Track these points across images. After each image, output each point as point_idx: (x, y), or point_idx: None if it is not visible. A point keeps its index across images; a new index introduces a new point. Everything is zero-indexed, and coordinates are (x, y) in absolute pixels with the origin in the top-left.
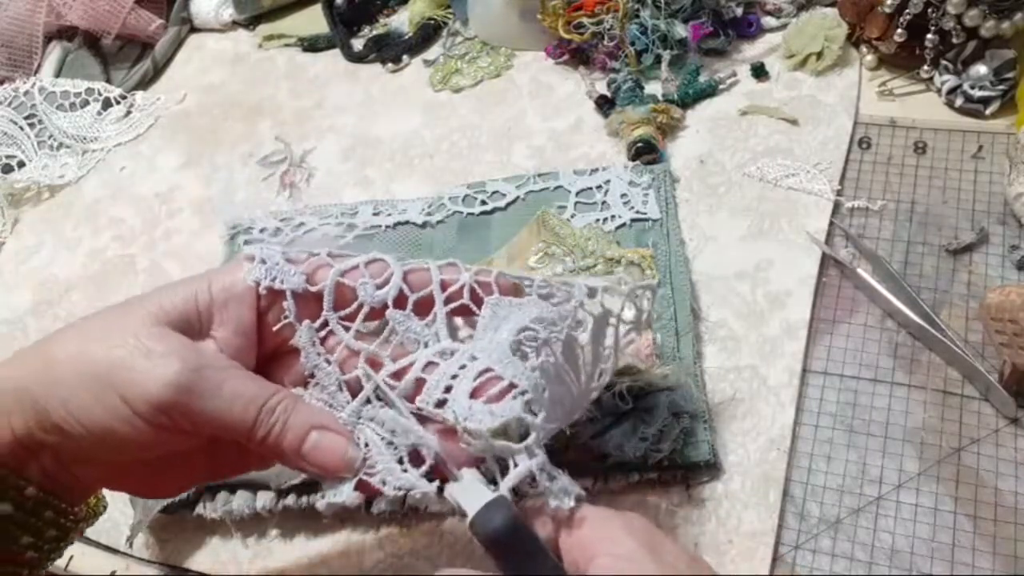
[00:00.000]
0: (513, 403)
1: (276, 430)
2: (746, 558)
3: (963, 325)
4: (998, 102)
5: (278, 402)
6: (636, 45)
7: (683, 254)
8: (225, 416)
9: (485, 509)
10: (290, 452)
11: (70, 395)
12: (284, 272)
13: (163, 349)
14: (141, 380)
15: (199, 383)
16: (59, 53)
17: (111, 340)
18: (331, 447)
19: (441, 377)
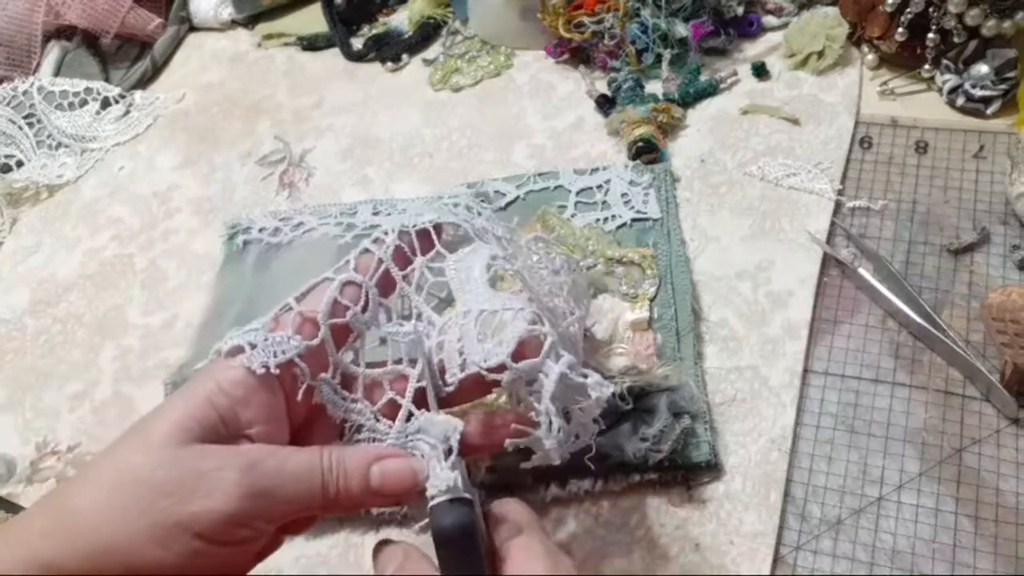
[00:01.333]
0: (516, 324)
1: (341, 483)
2: (747, 559)
3: (964, 325)
4: (999, 101)
5: (329, 457)
6: (637, 44)
7: (684, 254)
8: (298, 495)
9: (449, 504)
10: (362, 494)
11: (127, 555)
12: (278, 344)
13: (213, 463)
14: (208, 505)
15: (263, 480)
16: (58, 52)
17: (147, 476)
18: (397, 470)
19: (452, 351)
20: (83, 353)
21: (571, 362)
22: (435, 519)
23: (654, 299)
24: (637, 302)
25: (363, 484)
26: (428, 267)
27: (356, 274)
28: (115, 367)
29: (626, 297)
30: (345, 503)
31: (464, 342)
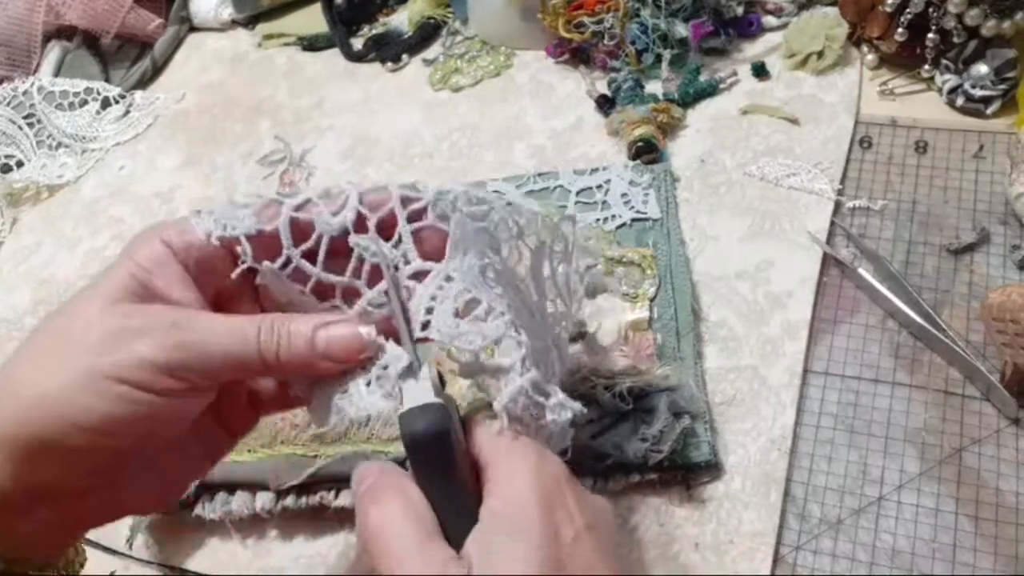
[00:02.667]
0: (498, 323)
1: (284, 343)
2: (747, 558)
3: (964, 325)
4: (999, 101)
5: (272, 321)
6: (636, 44)
7: (684, 254)
8: (229, 352)
9: (420, 409)
10: (308, 356)
11: (60, 406)
12: (233, 218)
13: (139, 320)
14: (135, 354)
15: (190, 334)
16: (58, 52)
17: (80, 336)
18: (345, 333)
19: (420, 300)
20: None
21: (535, 380)
22: (404, 426)
23: (654, 299)
24: (637, 302)
25: (308, 347)
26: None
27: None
28: None
29: (626, 297)
30: (289, 366)
31: (437, 305)
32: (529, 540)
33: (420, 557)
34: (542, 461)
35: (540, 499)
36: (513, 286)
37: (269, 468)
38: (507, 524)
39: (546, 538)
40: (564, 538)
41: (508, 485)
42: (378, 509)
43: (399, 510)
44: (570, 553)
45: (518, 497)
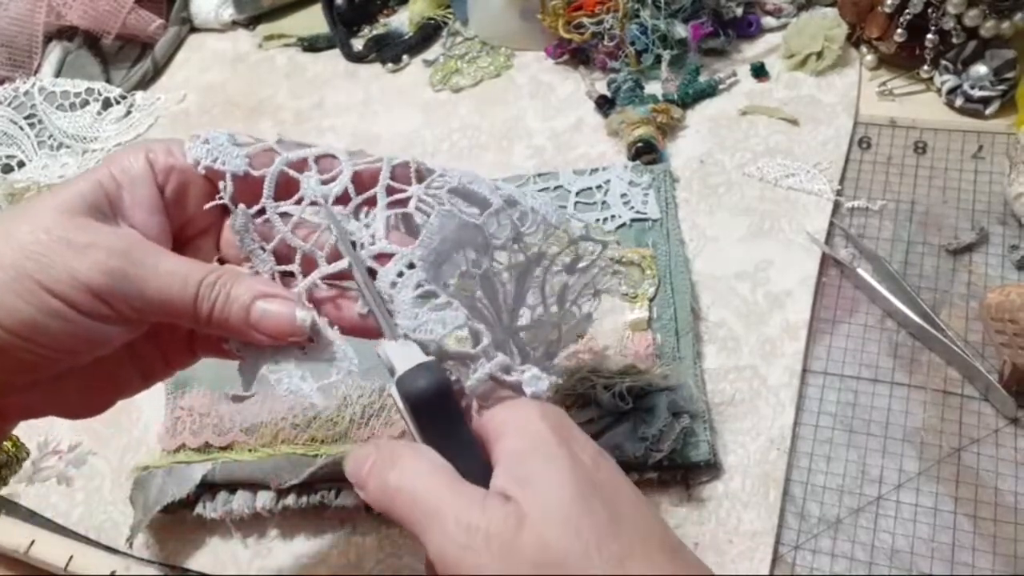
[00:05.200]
0: (457, 313)
1: (220, 303)
2: (746, 558)
3: (963, 325)
4: (998, 102)
5: (217, 277)
6: (636, 45)
7: (683, 254)
8: (164, 295)
9: (416, 369)
10: (238, 324)
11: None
12: (227, 153)
13: (86, 238)
14: (69, 270)
15: (132, 266)
16: (59, 53)
17: (23, 238)
18: (280, 312)
19: (381, 283)
20: None
21: (503, 363)
22: (405, 388)
23: (653, 299)
24: (636, 302)
25: (243, 314)
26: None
27: (341, 152)
28: None
29: (625, 297)
30: (217, 325)
31: (396, 294)
32: (558, 463)
33: (457, 498)
34: (540, 404)
35: (553, 430)
36: (489, 284)
37: (270, 467)
38: (532, 454)
39: (572, 460)
40: (585, 461)
41: (518, 427)
42: (396, 472)
43: (418, 465)
44: (595, 474)
45: (532, 433)
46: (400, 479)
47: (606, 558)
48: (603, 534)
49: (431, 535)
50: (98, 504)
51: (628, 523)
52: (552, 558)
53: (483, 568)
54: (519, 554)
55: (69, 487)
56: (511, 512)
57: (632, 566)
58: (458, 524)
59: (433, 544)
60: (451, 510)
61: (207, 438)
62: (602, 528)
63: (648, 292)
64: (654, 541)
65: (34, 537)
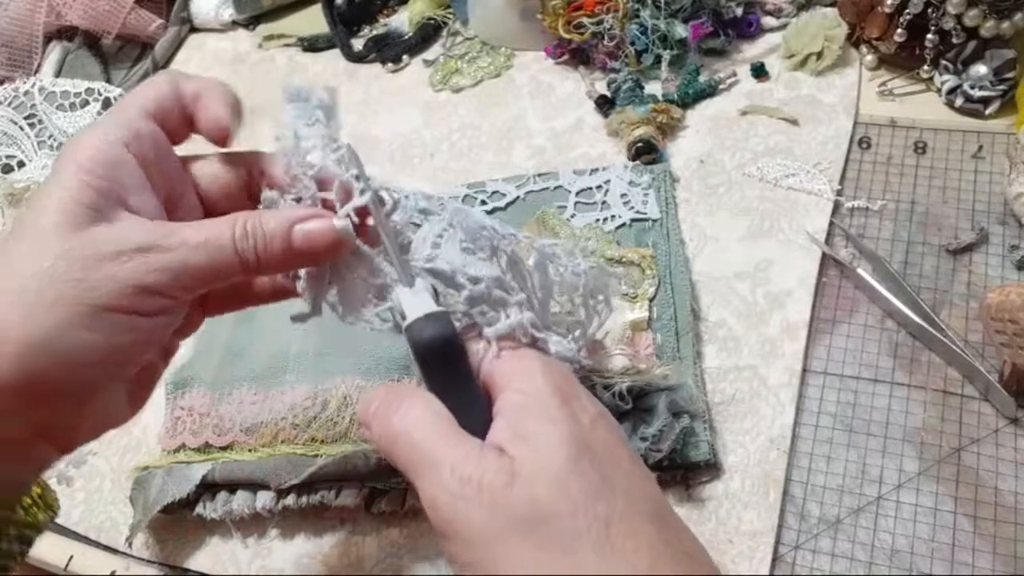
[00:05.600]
0: (494, 267)
1: (260, 245)
2: (746, 558)
3: (963, 325)
4: (998, 102)
5: (244, 222)
6: (636, 45)
7: (683, 254)
8: (207, 263)
9: (425, 318)
10: (285, 255)
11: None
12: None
13: (108, 246)
14: (114, 282)
15: (168, 252)
16: (59, 53)
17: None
18: (321, 228)
19: (427, 235)
20: None
21: (532, 320)
22: (413, 336)
23: (653, 299)
24: (636, 302)
25: (286, 245)
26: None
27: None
28: None
29: (625, 297)
30: (269, 266)
31: (444, 243)
32: (556, 422)
33: (454, 447)
34: (547, 360)
35: (555, 389)
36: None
37: (270, 467)
38: (531, 410)
39: (570, 421)
40: (583, 422)
41: (522, 380)
42: (399, 416)
43: (420, 411)
44: (592, 436)
45: (535, 388)
46: (401, 423)
47: (591, 519)
48: (592, 496)
49: (425, 482)
50: (98, 504)
51: (619, 488)
52: (539, 514)
53: (472, 519)
54: (508, 508)
55: (69, 487)
56: (504, 467)
57: (617, 529)
58: (452, 473)
59: (427, 491)
60: (447, 459)
61: (207, 438)
62: (592, 490)
63: (648, 292)
64: (642, 507)
65: None
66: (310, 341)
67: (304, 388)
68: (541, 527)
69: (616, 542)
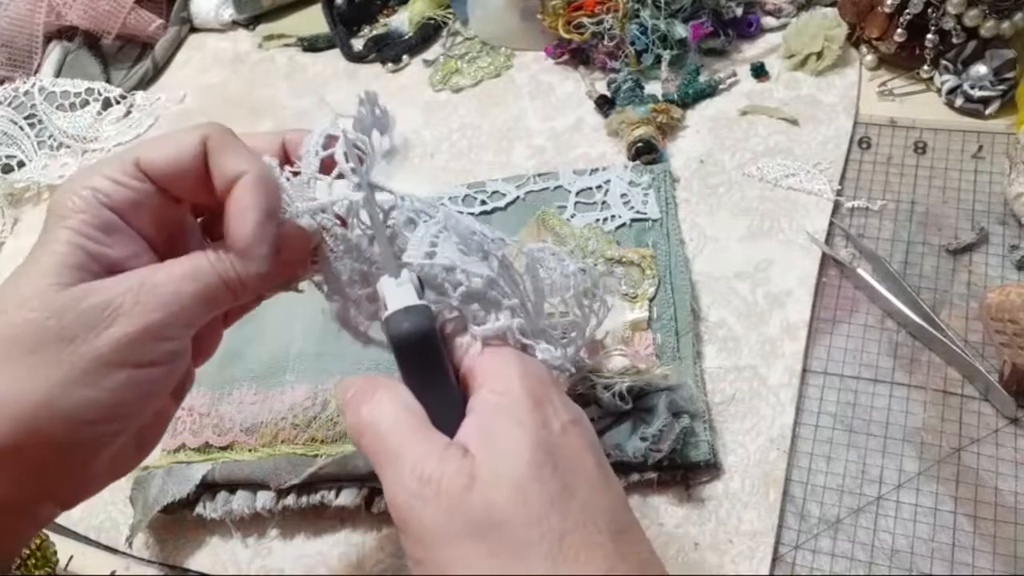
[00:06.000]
0: (488, 268)
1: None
2: (746, 558)
3: (963, 325)
4: (998, 102)
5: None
6: (636, 45)
7: (683, 254)
8: (198, 292)
9: (404, 311)
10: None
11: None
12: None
13: (101, 297)
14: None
15: (157, 290)
16: (59, 53)
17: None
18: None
19: (424, 235)
20: None
21: (522, 326)
22: (391, 328)
23: (653, 299)
24: (636, 302)
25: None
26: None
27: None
28: None
29: (625, 297)
30: (253, 283)
31: (441, 242)
32: (524, 427)
33: (418, 444)
34: (527, 362)
35: (529, 392)
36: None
37: (270, 467)
38: (502, 412)
39: (538, 426)
40: (553, 428)
41: (498, 380)
42: (369, 406)
43: (390, 404)
44: (559, 443)
45: (509, 390)
46: (371, 414)
47: (546, 530)
48: (548, 505)
49: (387, 476)
50: (98, 504)
51: (578, 499)
52: (493, 520)
53: (426, 519)
54: (464, 512)
55: None
56: (465, 468)
57: (570, 541)
58: (413, 471)
59: (388, 485)
60: (410, 455)
61: (207, 438)
62: (550, 500)
63: (648, 292)
64: (600, 520)
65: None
66: (310, 341)
67: (304, 388)
68: (494, 533)
69: (569, 553)
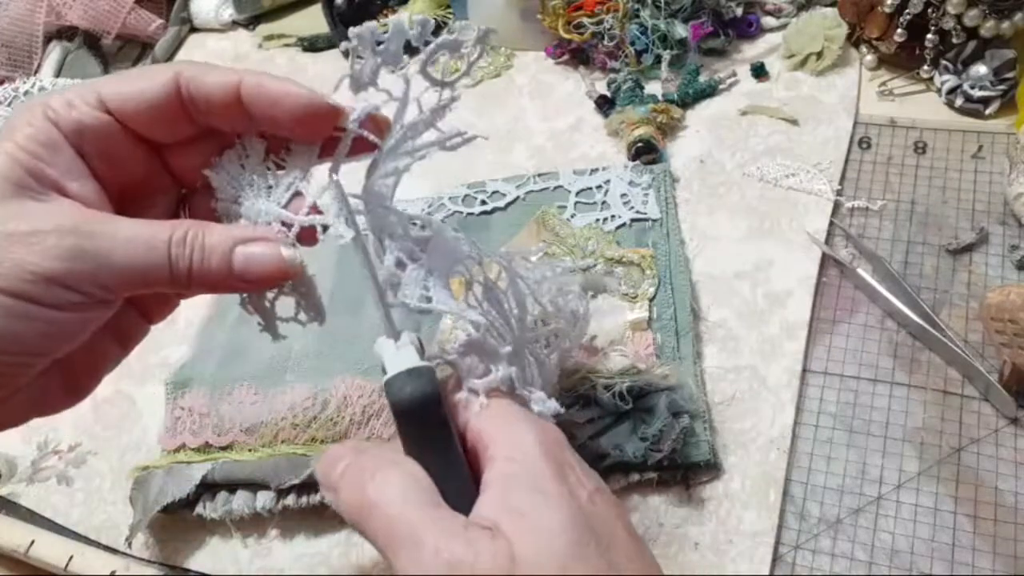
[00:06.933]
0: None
1: (197, 258)
2: (746, 558)
3: (963, 325)
4: (998, 102)
5: (185, 231)
6: (636, 45)
7: (683, 254)
8: (132, 263)
9: (406, 374)
10: (222, 276)
11: None
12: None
13: (26, 224)
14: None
15: (87, 240)
16: (59, 53)
17: None
18: (265, 253)
19: (415, 278)
20: None
21: (519, 375)
22: (392, 393)
23: (653, 299)
24: (636, 302)
25: (224, 265)
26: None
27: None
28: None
29: (625, 297)
30: (201, 283)
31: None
32: (554, 499)
33: (437, 524)
34: (542, 425)
35: (551, 460)
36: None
37: (270, 467)
38: (524, 484)
39: (567, 497)
40: (582, 498)
41: (515, 448)
42: (375, 485)
43: (399, 482)
44: (591, 513)
45: (529, 458)
46: (378, 494)
47: None
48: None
49: (404, 561)
50: (98, 504)
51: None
52: None
53: None
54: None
55: (69, 487)
56: (501, 550)
57: None
58: (437, 555)
59: (402, 569)
60: (431, 539)
61: (207, 438)
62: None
63: (648, 292)
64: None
65: (34, 537)
66: (310, 341)
67: (304, 388)
68: None
69: None
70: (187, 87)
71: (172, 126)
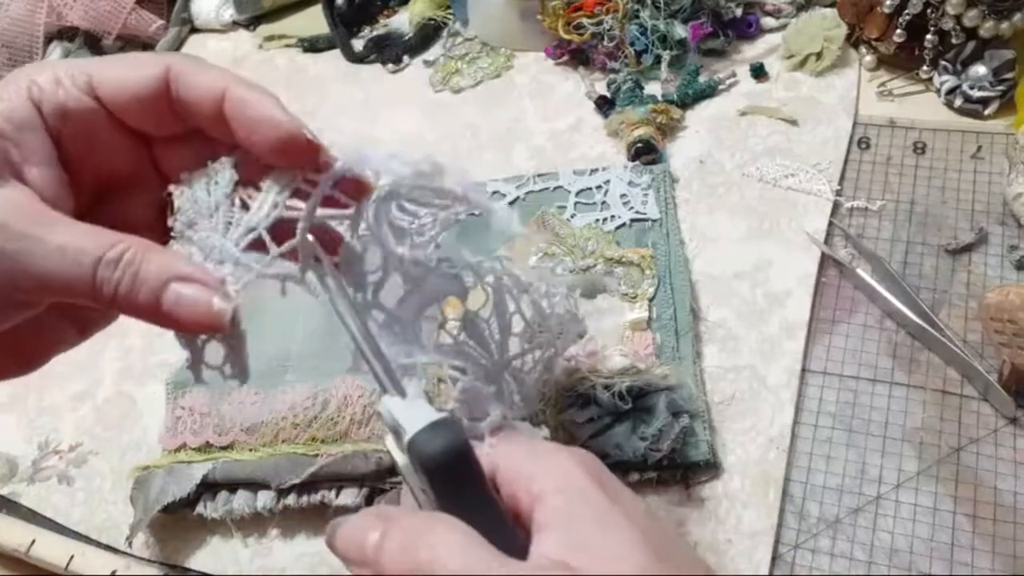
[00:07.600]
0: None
1: (125, 286)
2: (745, 557)
3: (962, 325)
4: (997, 102)
5: (121, 253)
6: (636, 45)
7: (683, 254)
8: (53, 275)
9: (431, 428)
10: (147, 309)
11: None
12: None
13: None
14: None
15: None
16: (59, 53)
17: None
18: (198, 299)
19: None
20: (85, 352)
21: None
22: (420, 451)
23: (653, 299)
24: (636, 302)
25: (151, 299)
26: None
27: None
28: (117, 366)
29: (625, 297)
30: (125, 310)
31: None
32: (614, 525)
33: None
34: (570, 449)
35: (598, 484)
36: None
37: (270, 467)
38: (585, 516)
39: (624, 517)
40: (638, 520)
41: (560, 479)
42: (428, 549)
43: (454, 540)
44: (646, 527)
45: (579, 489)
46: (434, 557)
47: None
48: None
49: None
50: (98, 504)
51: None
52: None
53: None
54: None
55: (69, 487)
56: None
57: None
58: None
59: None
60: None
61: (208, 438)
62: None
63: (648, 292)
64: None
65: (34, 537)
66: (311, 341)
67: (304, 388)
68: None
69: None
70: (176, 85)
71: (160, 120)
